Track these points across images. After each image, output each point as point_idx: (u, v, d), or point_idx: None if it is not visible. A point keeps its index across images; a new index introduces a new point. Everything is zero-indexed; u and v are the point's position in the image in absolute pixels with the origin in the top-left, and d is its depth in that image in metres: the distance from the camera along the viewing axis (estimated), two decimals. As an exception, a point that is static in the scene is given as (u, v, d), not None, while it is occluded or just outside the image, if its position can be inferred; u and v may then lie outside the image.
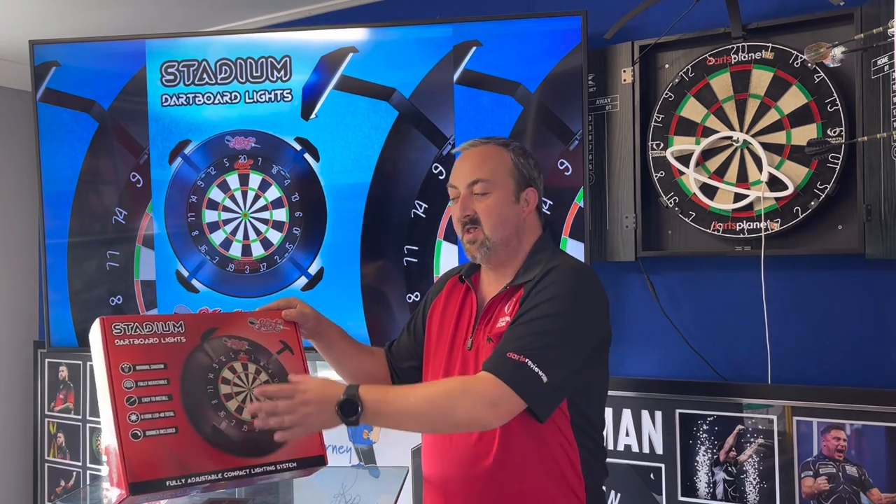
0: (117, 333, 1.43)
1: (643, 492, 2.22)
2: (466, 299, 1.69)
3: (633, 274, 2.33)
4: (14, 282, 3.62)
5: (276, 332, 1.60)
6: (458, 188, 1.63)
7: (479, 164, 1.63)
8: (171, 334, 1.47)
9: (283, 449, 1.48)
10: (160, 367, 1.44)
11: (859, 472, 1.93)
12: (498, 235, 1.61)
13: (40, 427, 3.51)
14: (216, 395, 1.46)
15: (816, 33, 2.04)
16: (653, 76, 2.30)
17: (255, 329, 1.57)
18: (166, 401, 1.42)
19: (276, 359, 1.57)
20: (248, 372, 1.52)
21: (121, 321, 1.44)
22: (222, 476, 1.43)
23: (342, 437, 2.70)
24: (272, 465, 1.48)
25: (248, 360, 1.52)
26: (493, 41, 2.33)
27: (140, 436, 1.37)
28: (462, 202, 1.62)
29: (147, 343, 1.44)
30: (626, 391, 2.26)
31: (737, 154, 2.13)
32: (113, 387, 1.39)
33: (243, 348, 1.53)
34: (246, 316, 1.58)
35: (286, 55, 2.47)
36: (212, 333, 1.52)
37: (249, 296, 2.50)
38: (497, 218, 1.60)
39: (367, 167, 2.42)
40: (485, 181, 1.60)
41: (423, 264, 2.38)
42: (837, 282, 2.07)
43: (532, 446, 1.53)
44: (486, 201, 1.60)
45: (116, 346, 1.42)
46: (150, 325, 1.46)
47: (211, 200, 2.53)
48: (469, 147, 1.67)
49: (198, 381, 1.46)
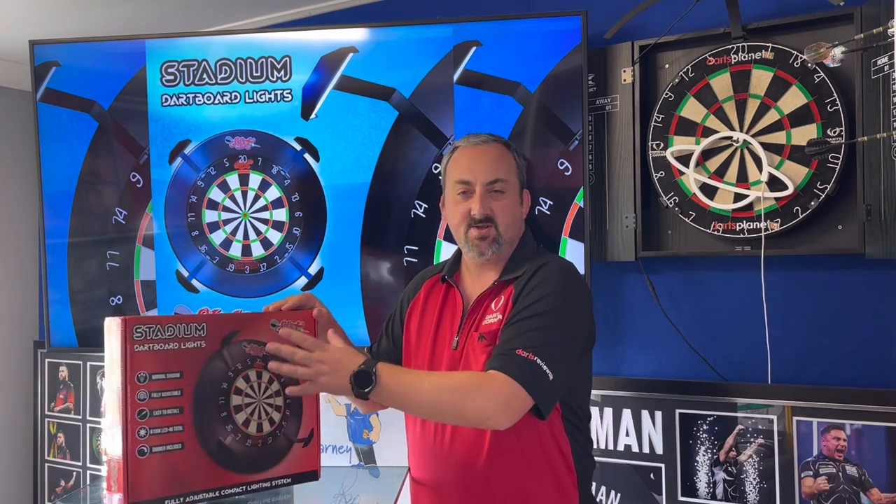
0: (138, 338, 1.37)
1: (643, 492, 2.22)
2: (448, 299, 1.69)
3: (633, 274, 2.33)
4: (14, 282, 3.63)
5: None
6: (472, 184, 1.62)
7: (497, 162, 1.64)
8: (192, 338, 1.42)
9: (280, 465, 1.48)
10: (176, 376, 1.40)
11: (859, 472, 1.93)
12: (510, 234, 1.64)
13: (40, 427, 3.51)
14: (226, 407, 1.44)
15: (816, 33, 2.04)
16: (653, 76, 2.30)
17: (275, 332, 1.51)
18: (177, 414, 1.39)
19: None
20: (262, 381, 1.49)
21: (143, 324, 1.38)
22: (219, 493, 1.42)
23: (342, 437, 2.70)
24: (268, 482, 1.48)
25: (264, 367, 1.49)
26: (492, 41, 2.33)
27: (146, 452, 1.35)
28: (481, 200, 1.61)
29: (167, 349, 1.39)
30: (626, 391, 2.26)
31: (737, 154, 2.13)
32: (126, 398, 1.35)
33: (261, 354, 1.49)
34: (269, 317, 1.53)
35: (286, 55, 2.47)
36: (233, 337, 1.47)
37: (249, 296, 2.50)
38: (511, 217, 1.63)
39: (367, 167, 2.42)
40: (503, 181, 1.62)
41: (423, 264, 2.37)
42: (837, 282, 2.07)
43: (524, 445, 1.53)
44: (503, 200, 1.62)
45: (136, 351, 1.37)
46: (171, 329, 1.40)
47: (211, 200, 2.53)
48: (478, 143, 1.66)
49: (211, 392, 1.43)
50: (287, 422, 1.51)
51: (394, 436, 2.61)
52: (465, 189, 1.63)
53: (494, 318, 1.57)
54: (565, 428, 1.56)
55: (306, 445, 1.54)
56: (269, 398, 1.50)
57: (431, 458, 1.63)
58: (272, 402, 1.50)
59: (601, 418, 2.30)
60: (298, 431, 1.53)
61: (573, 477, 1.57)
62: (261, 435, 1.47)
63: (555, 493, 1.56)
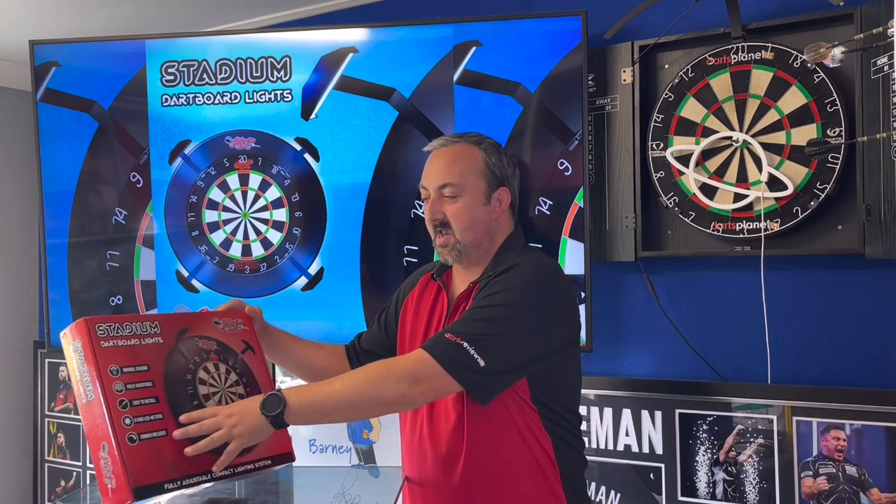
0: (102, 335, 1.41)
1: (643, 492, 2.22)
2: (438, 298, 1.69)
3: (633, 274, 2.33)
4: (14, 282, 3.62)
5: (237, 331, 1.63)
6: (428, 189, 1.64)
7: (448, 165, 1.62)
8: (150, 335, 1.47)
9: (257, 448, 1.50)
10: (144, 368, 1.43)
11: (859, 472, 1.93)
12: (468, 238, 1.61)
13: (40, 427, 3.51)
14: (196, 396, 1.48)
15: (816, 33, 2.04)
16: (653, 76, 2.30)
17: (220, 329, 1.59)
18: (154, 403, 1.42)
19: (241, 358, 1.60)
20: (220, 372, 1.54)
21: (103, 322, 1.43)
22: (211, 476, 1.43)
23: (342, 437, 2.70)
24: (251, 464, 1.51)
25: (219, 360, 1.55)
26: (492, 41, 2.33)
27: (136, 440, 1.36)
28: (431, 206, 1.63)
29: (130, 344, 1.44)
30: (626, 391, 2.27)
31: (736, 154, 2.13)
32: (104, 391, 1.37)
33: (213, 348, 1.55)
34: (211, 315, 1.61)
35: (286, 55, 2.47)
36: (184, 334, 1.53)
37: (249, 296, 2.50)
38: (467, 221, 1.61)
39: (367, 167, 2.42)
40: (453, 185, 1.60)
41: (423, 264, 2.37)
42: (837, 282, 2.07)
43: (503, 445, 1.54)
44: (455, 205, 1.61)
45: (103, 347, 1.40)
46: (129, 326, 1.45)
47: (211, 200, 2.53)
48: (439, 146, 1.66)
49: (179, 382, 1.47)
50: None
51: (394, 436, 2.61)
52: (426, 195, 1.65)
53: None
54: (546, 426, 1.56)
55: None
56: (231, 387, 1.54)
57: (417, 456, 1.64)
58: (234, 390, 1.55)
59: (601, 418, 2.30)
60: None
61: (556, 473, 1.56)
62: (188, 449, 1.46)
63: (539, 490, 1.55)
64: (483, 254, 1.64)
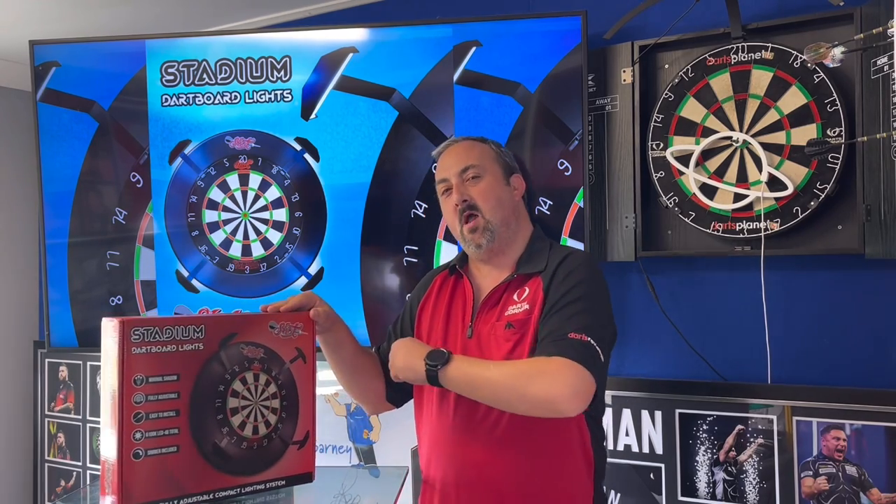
0: (136, 340, 1.35)
1: (643, 492, 2.22)
2: (458, 289, 1.70)
3: (633, 274, 2.33)
4: (14, 282, 3.63)
5: (293, 337, 1.55)
6: (449, 179, 1.67)
7: (467, 151, 1.68)
8: (190, 340, 1.41)
9: (274, 467, 1.47)
10: (173, 378, 1.38)
11: (859, 471, 1.93)
12: (497, 217, 1.64)
13: (40, 427, 3.51)
14: (223, 410, 1.44)
15: (816, 33, 2.04)
16: (652, 76, 2.30)
17: (273, 334, 1.51)
18: (173, 416, 1.38)
19: (287, 368, 1.53)
20: (259, 383, 1.49)
21: (140, 325, 1.36)
22: (213, 496, 1.41)
23: (342, 437, 2.70)
24: (262, 484, 1.47)
25: (261, 369, 1.49)
26: (492, 41, 2.33)
27: (141, 455, 1.34)
28: (457, 189, 1.65)
29: (164, 351, 1.38)
30: (626, 391, 2.26)
31: (736, 154, 2.13)
32: (122, 401, 1.34)
33: (258, 356, 1.49)
34: (267, 318, 1.52)
35: (286, 55, 2.47)
36: (231, 339, 1.46)
37: (249, 296, 2.50)
38: (494, 200, 1.64)
39: (367, 167, 2.42)
40: (475, 165, 1.65)
41: (423, 264, 2.38)
42: (837, 282, 2.07)
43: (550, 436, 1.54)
44: (479, 185, 1.65)
45: (133, 354, 1.35)
46: (169, 331, 1.38)
47: (211, 200, 2.53)
48: (448, 145, 1.73)
49: (207, 395, 1.42)
50: (283, 424, 1.51)
51: (394, 436, 2.61)
52: (447, 187, 1.68)
53: (520, 308, 1.57)
54: (586, 420, 1.57)
55: (301, 448, 1.53)
56: (265, 400, 1.49)
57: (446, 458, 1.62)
58: (269, 404, 1.50)
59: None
60: (294, 434, 1.53)
61: (591, 469, 1.58)
62: (256, 437, 1.46)
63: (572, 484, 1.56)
64: (510, 241, 1.66)
